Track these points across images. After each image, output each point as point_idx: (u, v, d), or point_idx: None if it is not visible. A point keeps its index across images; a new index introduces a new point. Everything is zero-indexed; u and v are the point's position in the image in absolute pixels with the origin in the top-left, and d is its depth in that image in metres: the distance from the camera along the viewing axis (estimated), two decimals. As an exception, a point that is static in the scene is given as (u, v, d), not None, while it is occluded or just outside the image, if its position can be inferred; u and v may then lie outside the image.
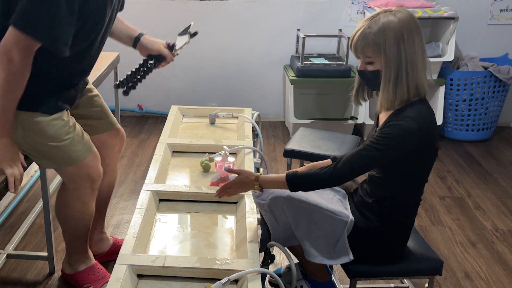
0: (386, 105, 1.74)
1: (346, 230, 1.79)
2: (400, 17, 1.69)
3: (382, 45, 1.68)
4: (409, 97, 1.72)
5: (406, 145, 1.69)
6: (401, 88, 1.70)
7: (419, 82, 1.72)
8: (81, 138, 2.02)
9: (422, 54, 1.72)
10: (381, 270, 1.90)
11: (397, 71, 1.69)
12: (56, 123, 1.95)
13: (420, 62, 1.70)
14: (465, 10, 3.98)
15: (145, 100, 4.38)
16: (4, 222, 2.79)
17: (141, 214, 1.91)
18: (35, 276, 2.41)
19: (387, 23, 1.68)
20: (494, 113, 3.99)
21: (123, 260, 1.65)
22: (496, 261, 2.62)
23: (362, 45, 1.72)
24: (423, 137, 1.70)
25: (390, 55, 1.68)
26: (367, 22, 1.72)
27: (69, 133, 1.97)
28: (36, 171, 3.27)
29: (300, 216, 1.79)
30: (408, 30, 1.68)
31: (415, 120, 1.68)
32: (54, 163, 2.01)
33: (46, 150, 1.96)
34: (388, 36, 1.67)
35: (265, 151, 3.76)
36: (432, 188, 3.31)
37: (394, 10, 1.71)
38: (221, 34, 4.19)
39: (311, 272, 1.99)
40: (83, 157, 2.00)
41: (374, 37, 1.69)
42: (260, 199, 1.87)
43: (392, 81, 1.70)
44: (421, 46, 1.71)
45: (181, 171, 2.31)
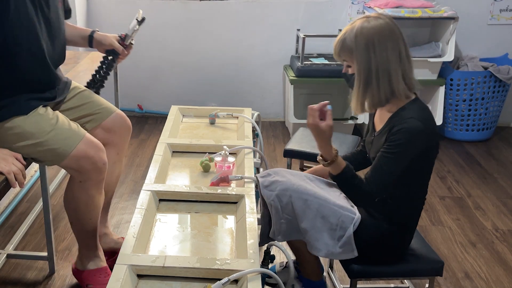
0: (356, 107, 1.82)
1: (352, 226, 1.79)
2: (374, 24, 1.75)
3: (354, 50, 1.76)
4: (381, 101, 1.78)
5: (418, 145, 1.74)
6: (371, 91, 1.77)
7: (393, 87, 1.76)
8: (68, 126, 2.00)
9: (399, 60, 1.75)
10: (382, 270, 1.90)
11: (367, 75, 1.76)
12: (34, 119, 1.94)
13: (394, 68, 1.75)
14: (465, 10, 3.98)
15: (145, 100, 4.38)
16: (4, 222, 2.79)
17: (141, 214, 1.91)
18: (35, 276, 2.41)
19: (360, 30, 1.75)
20: (494, 113, 3.99)
21: (123, 260, 1.65)
22: (496, 261, 2.62)
23: (338, 49, 1.82)
24: (429, 134, 1.75)
25: (360, 59, 1.76)
26: (347, 27, 1.81)
27: (52, 124, 1.96)
28: (36, 171, 3.27)
29: (308, 209, 1.80)
30: (380, 37, 1.74)
31: (419, 120, 1.72)
32: (50, 158, 1.99)
33: (36, 149, 1.95)
34: (358, 42, 1.75)
35: (265, 151, 3.76)
36: (432, 188, 3.31)
37: (372, 17, 1.77)
38: (221, 34, 4.19)
39: (306, 270, 2.00)
40: (74, 143, 1.97)
41: (349, 43, 1.77)
42: (268, 190, 1.87)
43: (362, 84, 1.77)
44: (396, 52, 1.75)
45: (181, 171, 2.31)
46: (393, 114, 1.80)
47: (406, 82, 1.78)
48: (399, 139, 1.73)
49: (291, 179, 1.90)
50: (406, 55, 1.77)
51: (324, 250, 1.80)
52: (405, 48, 1.77)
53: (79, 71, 2.90)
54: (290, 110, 3.91)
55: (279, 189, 1.84)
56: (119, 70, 3.34)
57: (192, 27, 4.17)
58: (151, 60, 4.27)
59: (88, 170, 2.02)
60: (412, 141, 1.73)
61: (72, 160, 1.99)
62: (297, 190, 1.82)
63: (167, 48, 4.23)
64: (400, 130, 1.73)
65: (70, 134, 1.99)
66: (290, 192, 1.82)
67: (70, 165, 2.01)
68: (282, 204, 1.83)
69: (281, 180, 1.87)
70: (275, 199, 1.83)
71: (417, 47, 3.98)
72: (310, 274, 2.01)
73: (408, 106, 1.78)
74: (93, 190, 2.09)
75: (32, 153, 1.97)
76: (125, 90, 4.16)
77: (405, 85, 1.78)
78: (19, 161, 1.85)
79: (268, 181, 1.89)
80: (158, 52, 4.24)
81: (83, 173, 2.03)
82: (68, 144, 1.97)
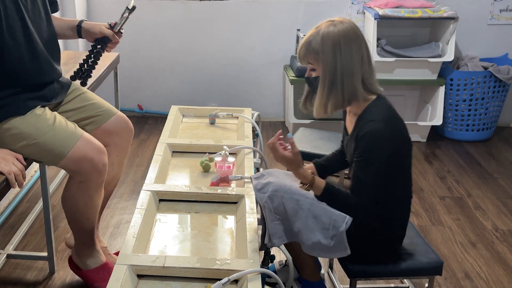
0: (319, 110, 1.84)
1: (344, 225, 1.80)
2: (340, 27, 1.79)
3: (320, 52, 1.79)
4: (344, 104, 1.82)
5: (387, 146, 1.76)
6: (335, 93, 1.80)
7: (353, 90, 1.80)
8: (65, 126, 1.99)
9: (361, 63, 1.80)
10: (381, 270, 1.90)
11: (332, 77, 1.79)
12: (31, 119, 1.93)
13: (357, 71, 1.79)
14: (465, 10, 3.98)
15: (145, 100, 4.38)
16: (4, 222, 2.79)
17: (141, 214, 1.91)
18: (35, 276, 2.41)
19: (327, 33, 1.79)
20: (494, 113, 3.99)
21: (123, 260, 1.65)
22: (496, 261, 2.62)
23: (303, 52, 1.84)
24: (394, 132, 1.78)
25: (326, 61, 1.79)
26: (312, 31, 1.84)
27: (49, 124, 1.95)
28: (36, 171, 3.27)
29: (300, 209, 1.80)
30: (346, 39, 1.78)
31: (381, 121, 1.76)
32: (48, 159, 1.99)
33: (34, 150, 1.95)
34: (325, 44, 1.78)
35: (265, 151, 3.76)
36: (432, 188, 3.31)
37: (336, 21, 1.82)
38: (221, 34, 4.19)
39: (304, 271, 2.00)
40: (71, 143, 1.96)
41: (315, 45, 1.80)
42: (261, 192, 1.88)
43: (327, 86, 1.80)
44: (359, 56, 1.80)
45: (181, 171, 2.31)
46: (358, 116, 1.84)
47: (366, 85, 1.83)
48: (365, 145, 1.76)
49: (283, 179, 1.90)
50: (367, 59, 1.83)
51: (318, 249, 1.81)
52: (367, 51, 1.83)
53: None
54: (290, 110, 3.91)
55: (271, 191, 1.84)
56: (119, 70, 3.34)
57: (192, 27, 4.17)
58: (151, 60, 4.27)
59: (88, 171, 2.01)
60: (378, 145, 1.75)
61: (71, 161, 1.98)
62: (288, 190, 1.83)
63: (167, 48, 4.23)
64: (364, 136, 1.76)
65: (68, 134, 1.98)
66: (281, 193, 1.83)
67: (69, 166, 2.01)
68: (274, 205, 1.83)
69: (273, 182, 1.88)
70: (268, 200, 1.83)
71: (417, 47, 3.98)
72: (309, 275, 2.01)
73: (370, 108, 1.82)
74: (93, 191, 2.08)
75: (30, 154, 1.97)
76: (125, 90, 4.17)
77: (364, 88, 1.82)
78: (19, 162, 1.85)
79: (261, 183, 1.90)
80: (158, 52, 4.24)
81: (83, 174, 2.02)
82: (65, 144, 1.96)
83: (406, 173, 1.89)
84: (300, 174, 1.81)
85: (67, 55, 3.11)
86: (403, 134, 1.83)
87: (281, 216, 1.83)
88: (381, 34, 3.89)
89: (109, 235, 2.72)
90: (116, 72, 3.29)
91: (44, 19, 2.08)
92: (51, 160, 1.99)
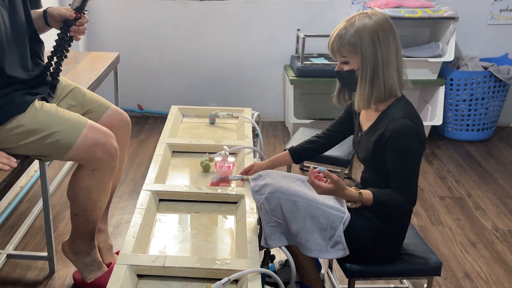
0: (362, 103, 1.83)
1: (342, 225, 1.80)
2: (376, 19, 1.78)
3: (358, 45, 1.78)
4: (385, 96, 1.81)
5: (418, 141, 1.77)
6: (378, 86, 1.79)
7: (392, 81, 1.80)
8: (69, 116, 1.97)
9: (397, 55, 1.81)
10: (379, 270, 1.90)
11: (374, 69, 1.78)
12: (33, 115, 1.92)
13: (394, 62, 1.79)
14: (465, 10, 3.98)
15: (145, 100, 4.38)
16: (4, 222, 2.79)
17: (141, 214, 1.91)
18: (35, 276, 2.41)
19: (363, 25, 1.77)
20: (494, 113, 3.99)
21: (123, 260, 1.65)
22: (496, 261, 2.62)
23: (338, 45, 1.81)
24: (420, 129, 1.79)
25: (366, 54, 1.78)
26: (343, 24, 1.81)
27: (52, 115, 1.94)
28: (36, 171, 3.27)
29: (297, 210, 1.79)
30: (383, 30, 1.78)
31: (409, 118, 1.77)
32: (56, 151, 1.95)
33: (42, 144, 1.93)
34: (363, 36, 1.77)
35: (265, 151, 3.76)
36: (432, 188, 3.31)
37: (370, 13, 1.80)
38: (221, 34, 4.19)
39: (305, 277, 1.99)
40: (78, 131, 1.93)
41: (350, 38, 1.78)
42: (258, 194, 1.87)
43: (368, 79, 1.79)
44: (395, 47, 1.80)
45: (181, 171, 2.31)
46: (381, 112, 1.83)
47: (400, 77, 1.83)
48: (402, 141, 1.76)
49: (280, 181, 1.89)
50: (400, 51, 1.83)
51: (316, 250, 1.80)
52: (399, 43, 1.83)
53: (79, 71, 2.90)
54: (290, 110, 3.91)
55: (268, 192, 1.83)
56: (119, 70, 3.35)
57: (192, 27, 4.17)
58: (151, 60, 4.27)
59: (100, 157, 1.97)
60: (413, 140, 1.76)
61: (81, 150, 1.94)
62: (285, 192, 1.82)
63: (167, 48, 4.23)
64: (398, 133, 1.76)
65: (73, 123, 1.95)
66: (278, 194, 1.82)
67: (80, 155, 1.96)
68: (271, 206, 1.82)
69: (270, 183, 1.87)
70: (264, 202, 1.82)
71: (417, 47, 3.98)
72: (310, 281, 2.00)
73: (395, 105, 1.82)
74: (107, 178, 2.03)
75: (38, 149, 1.94)
76: (125, 90, 4.17)
77: (398, 79, 1.82)
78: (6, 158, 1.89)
79: (258, 185, 1.89)
80: (158, 52, 4.24)
81: (95, 162, 1.97)
82: (72, 133, 1.93)
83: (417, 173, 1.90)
84: (347, 196, 1.79)
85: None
86: (423, 133, 1.84)
87: (279, 218, 1.82)
88: (381, 34, 3.88)
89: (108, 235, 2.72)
90: (116, 72, 3.29)
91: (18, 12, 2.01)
92: (59, 153, 1.95)
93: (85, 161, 2.00)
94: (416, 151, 1.78)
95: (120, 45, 4.13)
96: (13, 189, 3.04)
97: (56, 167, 3.40)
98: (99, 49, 4.13)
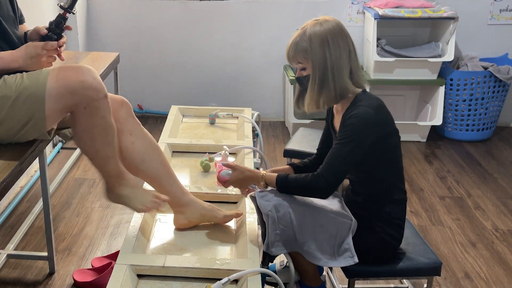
0: (311, 105, 1.87)
1: (351, 232, 1.80)
2: (326, 26, 1.84)
3: (309, 51, 1.83)
4: (336, 98, 1.85)
5: (371, 132, 1.78)
6: (327, 89, 1.83)
7: (344, 84, 1.83)
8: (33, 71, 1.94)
9: (350, 58, 1.85)
10: (379, 270, 1.90)
11: (323, 73, 1.83)
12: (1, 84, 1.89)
13: (346, 66, 1.84)
14: (465, 10, 3.98)
15: (145, 100, 4.38)
16: (4, 222, 2.79)
17: (141, 214, 1.91)
18: (35, 276, 2.41)
19: (313, 32, 1.84)
20: (494, 113, 3.99)
21: (123, 260, 1.65)
22: (496, 261, 2.62)
23: (292, 52, 1.87)
24: (382, 120, 1.81)
25: (316, 59, 1.83)
26: (298, 32, 1.88)
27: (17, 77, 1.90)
28: (36, 171, 3.27)
29: (305, 218, 1.79)
30: (333, 36, 1.83)
31: (369, 107, 1.79)
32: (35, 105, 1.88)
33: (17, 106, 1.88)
34: (314, 42, 1.83)
35: (265, 151, 3.76)
36: (432, 188, 3.31)
37: (321, 20, 1.86)
38: (221, 34, 4.19)
39: (305, 277, 1.99)
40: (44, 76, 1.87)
41: (302, 45, 1.84)
42: (265, 200, 1.85)
43: (318, 82, 1.83)
44: (347, 51, 1.84)
45: (181, 171, 2.31)
46: (344, 112, 1.85)
47: (354, 78, 1.86)
48: (349, 126, 1.78)
49: None
50: (354, 53, 1.86)
51: (324, 258, 1.80)
52: (353, 46, 1.86)
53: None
54: (290, 110, 3.91)
55: (276, 199, 1.83)
56: (119, 70, 3.35)
57: (192, 27, 4.17)
58: (151, 60, 4.27)
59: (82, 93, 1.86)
60: (363, 128, 1.77)
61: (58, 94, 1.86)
62: (294, 200, 1.82)
63: (167, 48, 4.23)
64: (351, 117, 1.78)
65: (37, 73, 1.91)
66: (287, 202, 1.82)
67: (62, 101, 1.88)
68: (279, 214, 1.81)
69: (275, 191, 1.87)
70: (272, 209, 1.81)
71: (417, 47, 3.98)
72: (310, 281, 2.00)
73: (357, 100, 1.84)
74: (102, 111, 1.90)
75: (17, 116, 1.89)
76: (125, 90, 4.16)
77: (352, 81, 1.85)
78: None
79: (264, 191, 1.88)
80: (158, 52, 4.24)
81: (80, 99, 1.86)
82: (41, 80, 1.87)
83: (398, 166, 1.90)
84: (251, 177, 1.86)
85: (67, 55, 3.11)
86: (391, 123, 1.85)
87: (285, 226, 1.80)
88: (381, 34, 3.89)
89: (109, 235, 2.72)
90: (116, 72, 3.29)
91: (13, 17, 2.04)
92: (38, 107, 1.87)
93: (71, 104, 1.89)
94: (359, 139, 1.77)
95: (120, 45, 4.13)
96: (13, 189, 3.04)
97: (56, 167, 3.40)
98: (99, 49, 4.13)
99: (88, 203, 3.02)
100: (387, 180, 1.88)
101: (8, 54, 1.93)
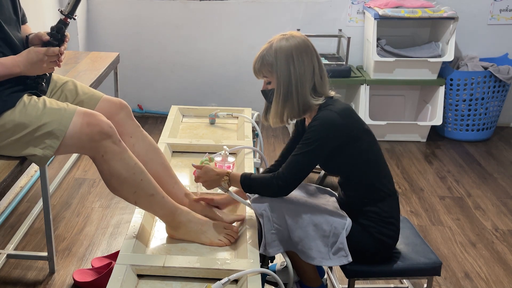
0: (275, 119, 1.89)
1: (344, 231, 1.80)
2: (292, 41, 1.87)
3: (274, 65, 1.86)
4: (299, 112, 1.87)
5: (335, 136, 1.80)
6: (291, 103, 1.86)
7: (306, 99, 1.85)
8: (57, 106, 1.92)
9: (314, 74, 1.86)
10: (379, 270, 1.90)
11: (287, 88, 1.85)
12: (22, 109, 1.88)
13: (309, 81, 1.85)
14: (465, 10, 3.98)
15: (145, 100, 4.38)
16: (4, 222, 2.79)
17: (141, 214, 1.91)
18: (35, 276, 2.41)
19: (279, 47, 1.87)
20: (494, 113, 3.99)
21: (123, 260, 1.65)
22: (496, 261, 2.62)
23: (258, 66, 1.90)
24: (347, 124, 1.81)
25: (281, 73, 1.85)
26: (265, 46, 1.91)
27: (40, 108, 1.90)
28: (36, 171, 3.27)
29: (300, 217, 1.79)
30: (298, 52, 1.85)
31: (333, 110, 1.81)
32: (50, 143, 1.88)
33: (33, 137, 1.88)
34: (279, 57, 1.85)
35: (265, 151, 3.76)
36: (432, 188, 3.31)
37: (288, 36, 1.90)
38: (221, 34, 4.19)
39: (305, 278, 1.99)
40: (69, 119, 1.87)
41: (268, 59, 1.87)
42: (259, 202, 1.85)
43: (281, 97, 1.86)
44: (311, 67, 1.86)
45: (181, 171, 2.31)
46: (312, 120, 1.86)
47: (317, 94, 1.87)
48: (313, 125, 1.79)
49: None
50: (319, 70, 1.88)
51: (318, 258, 1.80)
52: (318, 63, 1.88)
53: (79, 71, 2.90)
54: (290, 110, 3.91)
55: (270, 199, 1.83)
56: (119, 70, 3.35)
57: (192, 27, 4.17)
58: (151, 60, 4.27)
59: (99, 139, 1.87)
60: (326, 132, 1.78)
61: (76, 138, 1.87)
62: (287, 200, 1.83)
63: (167, 48, 4.24)
64: (315, 119, 1.81)
65: (62, 112, 1.89)
66: (282, 202, 1.82)
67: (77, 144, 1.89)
68: (273, 214, 1.81)
69: None
70: (266, 208, 1.81)
71: (417, 47, 3.98)
72: (309, 281, 2.00)
73: (322, 106, 1.86)
74: (120, 154, 1.89)
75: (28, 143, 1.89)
76: (125, 90, 4.17)
77: (314, 97, 1.86)
78: None
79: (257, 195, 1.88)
80: (158, 52, 4.24)
81: (98, 146, 1.87)
82: (63, 122, 1.87)
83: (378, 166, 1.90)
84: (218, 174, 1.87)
85: (67, 55, 3.11)
86: (358, 128, 1.85)
87: (280, 226, 1.81)
88: (381, 34, 3.89)
89: (109, 235, 2.73)
90: (116, 72, 3.29)
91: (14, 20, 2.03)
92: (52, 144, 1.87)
93: (87, 150, 1.90)
94: (320, 141, 1.78)
95: (120, 45, 4.13)
96: (13, 189, 3.04)
97: (56, 167, 3.40)
98: (99, 49, 4.13)
99: (88, 203, 3.02)
100: (366, 182, 1.89)
101: (9, 60, 1.92)
